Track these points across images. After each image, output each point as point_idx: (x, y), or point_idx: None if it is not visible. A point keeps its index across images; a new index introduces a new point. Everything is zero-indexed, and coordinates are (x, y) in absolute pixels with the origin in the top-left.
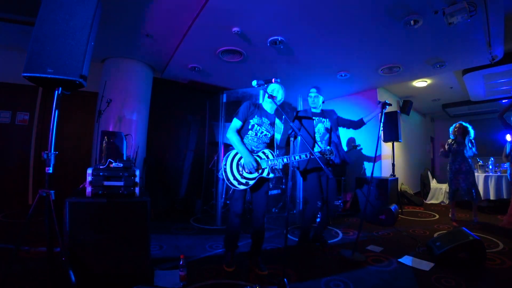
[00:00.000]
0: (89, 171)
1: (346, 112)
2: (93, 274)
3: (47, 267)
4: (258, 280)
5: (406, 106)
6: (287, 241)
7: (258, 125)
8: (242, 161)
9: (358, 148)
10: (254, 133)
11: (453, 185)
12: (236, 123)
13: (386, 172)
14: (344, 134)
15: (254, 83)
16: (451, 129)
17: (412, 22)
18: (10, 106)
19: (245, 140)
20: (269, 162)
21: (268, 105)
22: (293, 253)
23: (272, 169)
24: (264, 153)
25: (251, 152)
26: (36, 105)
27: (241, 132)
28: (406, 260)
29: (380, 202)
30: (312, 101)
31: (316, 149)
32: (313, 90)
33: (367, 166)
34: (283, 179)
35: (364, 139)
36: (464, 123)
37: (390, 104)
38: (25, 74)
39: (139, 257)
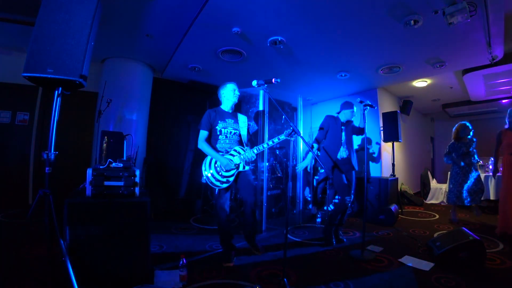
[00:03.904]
0: (89, 171)
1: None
2: (93, 274)
3: (47, 267)
4: (258, 280)
5: (406, 106)
6: (287, 241)
7: (224, 128)
8: (218, 163)
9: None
10: (225, 136)
11: (455, 188)
12: (203, 134)
13: (386, 172)
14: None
15: (254, 83)
16: (454, 130)
17: (412, 22)
18: (10, 106)
19: (218, 145)
20: (242, 156)
21: (226, 106)
22: (294, 253)
23: (247, 162)
24: (235, 150)
25: (225, 153)
26: (36, 105)
27: (212, 139)
28: (406, 260)
29: (380, 202)
30: (352, 115)
31: (340, 154)
32: (355, 108)
33: (367, 166)
34: (283, 179)
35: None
36: (467, 123)
37: (372, 106)
38: (25, 74)
39: (139, 257)
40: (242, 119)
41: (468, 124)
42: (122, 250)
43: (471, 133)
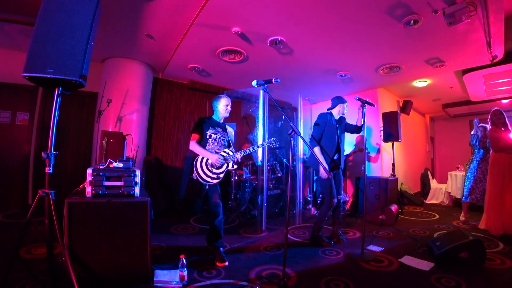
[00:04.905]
0: (89, 171)
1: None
2: (93, 274)
3: (47, 267)
4: (258, 280)
5: (406, 106)
6: (287, 241)
7: (214, 133)
8: (209, 161)
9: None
10: (214, 140)
11: (478, 183)
12: (194, 137)
13: (386, 172)
14: (351, 134)
15: (254, 83)
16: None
17: (412, 22)
18: (10, 106)
19: (207, 147)
20: (231, 157)
21: (217, 116)
22: (294, 253)
23: (235, 162)
24: (225, 151)
25: (216, 153)
26: (36, 105)
27: (202, 143)
28: (406, 260)
29: (380, 202)
30: (345, 110)
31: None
32: (346, 103)
33: (368, 166)
34: (283, 179)
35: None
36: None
37: (372, 104)
38: (25, 74)
39: (139, 257)
40: (230, 129)
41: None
42: (122, 250)
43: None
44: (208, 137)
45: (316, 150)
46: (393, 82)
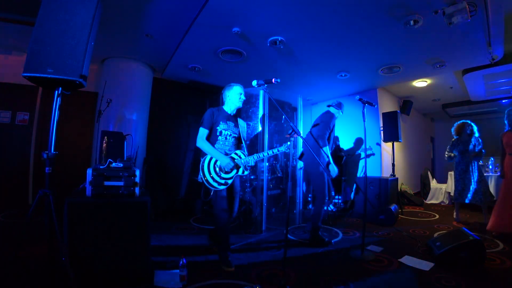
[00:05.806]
0: (89, 171)
1: (346, 112)
2: (93, 274)
3: (47, 267)
4: (258, 280)
5: (406, 106)
6: (287, 241)
7: (225, 130)
8: (218, 163)
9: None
10: (224, 138)
11: (459, 186)
12: (203, 131)
13: (386, 172)
14: (351, 134)
15: (254, 83)
16: (453, 129)
17: (412, 22)
18: (10, 106)
19: (216, 145)
20: (243, 161)
21: (229, 108)
22: (294, 253)
23: (245, 167)
24: (236, 154)
25: (225, 155)
26: (36, 105)
27: (211, 139)
28: (406, 260)
29: (380, 202)
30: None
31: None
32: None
33: (368, 166)
34: (283, 179)
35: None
36: (468, 121)
37: (372, 104)
38: (25, 74)
39: (139, 257)
40: (242, 124)
41: (468, 122)
42: (122, 250)
43: (473, 131)
44: (218, 133)
45: (326, 150)
46: (393, 82)
